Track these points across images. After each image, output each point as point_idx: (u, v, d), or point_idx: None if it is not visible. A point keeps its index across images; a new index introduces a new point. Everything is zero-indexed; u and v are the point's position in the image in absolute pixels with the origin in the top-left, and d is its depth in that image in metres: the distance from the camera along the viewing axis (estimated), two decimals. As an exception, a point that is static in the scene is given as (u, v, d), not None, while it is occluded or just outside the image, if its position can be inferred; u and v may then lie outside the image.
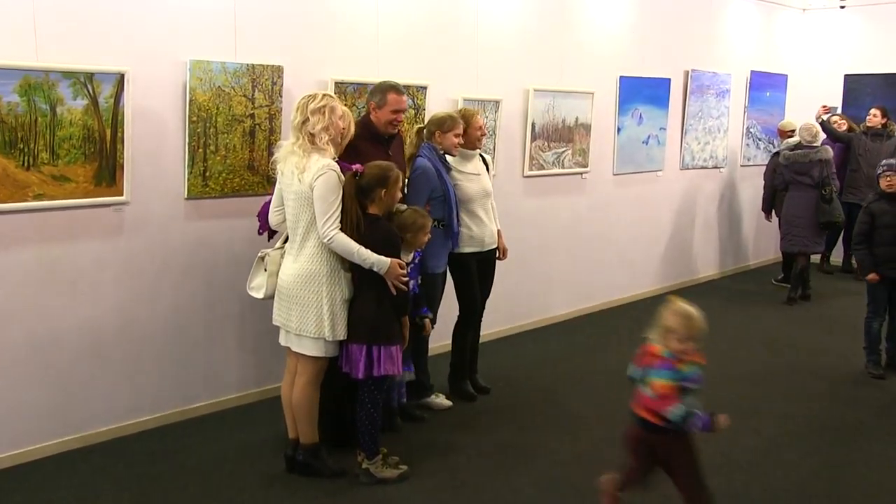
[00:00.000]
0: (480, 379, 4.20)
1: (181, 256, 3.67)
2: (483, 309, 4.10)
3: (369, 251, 3.00)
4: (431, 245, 3.49)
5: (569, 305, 5.71)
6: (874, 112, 6.86)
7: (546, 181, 5.36)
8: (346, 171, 3.07)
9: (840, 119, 7.06)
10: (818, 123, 6.60)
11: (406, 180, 3.54)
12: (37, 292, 3.28)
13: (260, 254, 3.29)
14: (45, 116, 3.14)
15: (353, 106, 3.98)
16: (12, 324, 3.23)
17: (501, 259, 4.12)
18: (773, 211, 6.79)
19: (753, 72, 7.20)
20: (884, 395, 4.36)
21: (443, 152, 3.74)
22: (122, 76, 3.30)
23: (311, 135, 3.02)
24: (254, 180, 3.81)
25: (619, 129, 5.87)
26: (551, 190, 5.42)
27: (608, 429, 3.76)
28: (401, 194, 3.23)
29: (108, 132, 3.32)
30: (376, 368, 3.06)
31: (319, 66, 3.97)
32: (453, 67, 4.61)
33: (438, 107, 4.29)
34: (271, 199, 3.26)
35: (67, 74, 3.17)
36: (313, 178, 2.96)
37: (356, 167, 3.06)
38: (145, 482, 3.16)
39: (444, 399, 3.99)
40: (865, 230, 4.59)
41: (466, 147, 3.85)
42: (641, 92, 5.95)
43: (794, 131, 6.53)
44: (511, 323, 5.25)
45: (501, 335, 5.16)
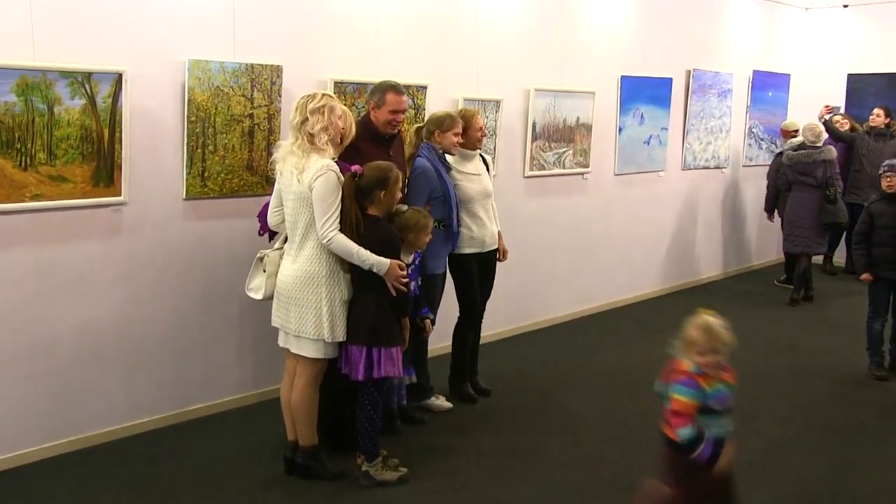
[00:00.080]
0: (481, 380, 4.19)
1: (180, 257, 3.66)
2: (483, 310, 4.09)
3: (369, 252, 2.99)
4: (431, 246, 3.47)
5: (570, 306, 5.69)
6: (877, 112, 6.84)
7: (547, 181, 5.34)
8: (346, 172, 3.05)
9: (842, 119, 7.03)
10: (821, 123, 6.56)
11: (406, 180, 3.52)
12: (34, 293, 3.27)
13: (259, 254, 3.28)
14: (43, 116, 3.13)
15: (353, 106, 3.96)
16: (9, 325, 3.22)
17: (501, 260, 4.10)
18: (776, 211, 6.77)
19: (756, 71, 7.17)
20: (886, 397, 4.33)
21: (442, 152, 3.72)
22: (120, 76, 3.29)
23: (311, 135, 3.00)
24: (253, 181, 3.80)
25: (621, 129, 5.84)
26: (552, 190, 5.40)
27: (609, 430, 3.76)
28: (401, 194, 3.21)
29: (106, 132, 3.31)
30: (376, 370, 3.04)
31: (319, 66, 3.96)
32: (454, 67, 4.59)
33: (439, 107, 4.27)
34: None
35: (65, 74, 3.16)
36: (312, 179, 2.95)
37: (355, 168, 3.04)
38: (144, 484, 3.15)
39: (445, 401, 3.98)
40: (864, 230, 4.58)
41: (467, 147, 3.83)
42: (643, 92, 5.93)
43: (798, 131, 6.49)
44: (512, 324, 5.24)
45: (502, 336, 5.14)
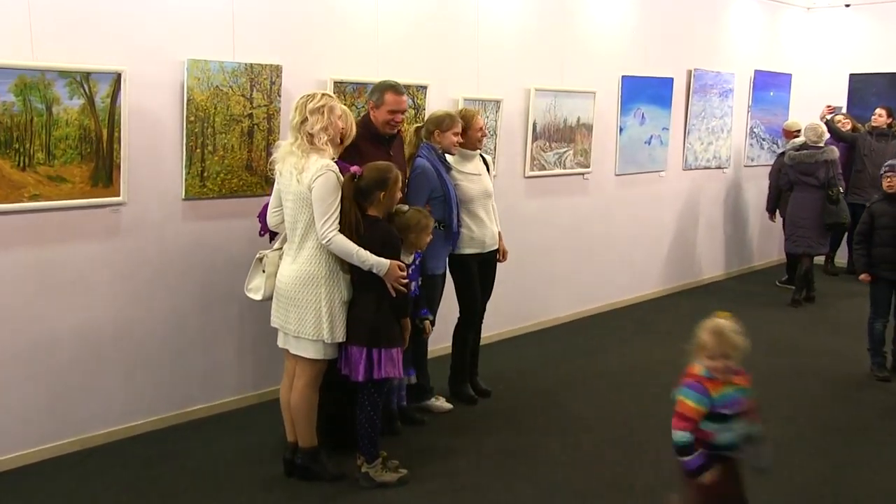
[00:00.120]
0: (481, 381, 4.18)
1: (178, 258, 3.65)
2: (484, 311, 4.07)
3: (368, 253, 2.98)
4: (431, 246, 3.46)
5: (570, 307, 5.67)
6: (879, 112, 6.81)
7: (547, 182, 5.32)
8: (345, 172, 3.04)
9: (844, 118, 7.01)
10: (823, 123, 6.54)
11: (406, 180, 3.51)
12: (32, 294, 3.26)
13: (258, 255, 3.28)
14: (41, 116, 3.12)
15: (353, 106, 3.95)
16: (8, 325, 3.21)
17: (501, 261, 4.09)
18: (777, 211, 6.75)
19: (757, 71, 7.15)
20: (889, 398, 4.32)
21: (442, 152, 3.71)
22: (119, 75, 3.28)
23: (310, 135, 2.99)
24: (252, 181, 3.79)
25: (622, 129, 5.83)
26: (553, 190, 5.39)
27: (610, 431, 3.75)
28: (401, 194, 3.20)
29: (105, 132, 3.30)
30: (376, 371, 3.03)
31: (318, 66, 3.95)
32: (454, 67, 4.58)
33: (439, 107, 4.25)
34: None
35: (64, 74, 3.15)
36: (312, 179, 2.94)
37: (354, 169, 3.02)
38: (143, 485, 3.14)
39: (445, 402, 3.96)
40: (865, 230, 4.57)
41: (467, 148, 3.82)
42: (644, 91, 5.91)
43: (800, 131, 6.47)
44: (512, 325, 5.22)
45: (502, 337, 5.13)
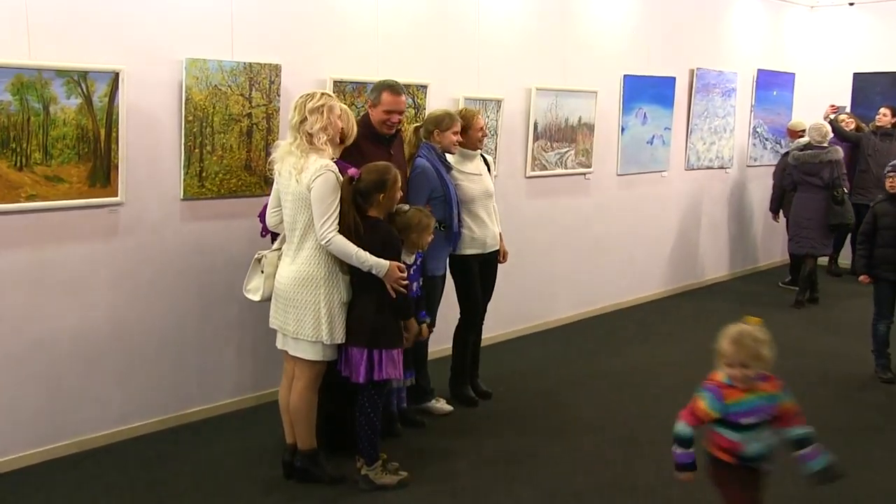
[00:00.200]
0: (482, 383, 4.16)
1: (177, 258, 3.63)
2: (485, 312, 4.06)
3: (368, 254, 2.96)
4: (431, 247, 3.44)
5: (572, 308, 5.65)
6: (884, 111, 6.77)
7: (548, 182, 5.30)
8: (345, 172, 3.02)
9: (848, 118, 6.97)
10: (827, 123, 6.50)
11: (406, 180, 3.49)
12: (29, 295, 3.24)
13: (257, 255, 3.26)
14: (38, 116, 3.11)
15: (353, 105, 3.93)
16: (4, 326, 3.19)
17: (502, 262, 4.07)
18: (781, 212, 6.71)
19: (760, 70, 7.12)
20: (893, 399, 4.29)
21: (442, 151, 3.68)
22: (117, 75, 3.27)
23: (310, 134, 2.98)
24: (251, 181, 3.77)
25: (623, 129, 5.80)
26: (554, 191, 5.36)
27: (611, 433, 3.73)
28: (401, 193, 3.18)
29: (103, 132, 3.28)
30: (377, 372, 3.02)
31: (318, 65, 3.93)
32: (454, 66, 4.56)
33: (439, 106, 4.22)
34: (270, 200, 3.22)
35: (61, 73, 3.13)
36: (311, 179, 2.92)
37: (351, 172, 3.00)
38: (139, 489, 3.12)
39: (445, 404, 3.95)
40: (868, 230, 4.54)
41: (467, 147, 3.81)
42: (646, 91, 5.89)
43: (805, 131, 6.44)
44: (513, 326, 5.20)
45: (503, 339, 5.11)
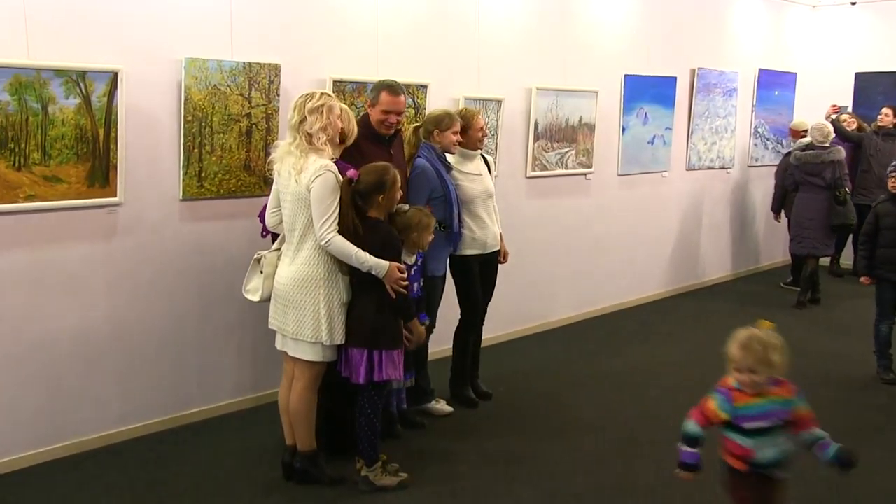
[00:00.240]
0: (482, 384, 4.15)
1: (176, 259, 3.62)
2: (485, 312, 4.05)
3: (367, 254, 2.95)
4: (432, 247, 3.43)
5: (572, 309, 5.63)
6: (886, 111, 6.74)
7: (549, 182, 5.29)
8: (344, 172, 3.01)
9: (850, 118, 6.95)
10: (829, 123, 6.48)
11: (406, 180, 3.48)
12: (27, 295, 3.23)
13: (256, 256, 3.25)
14: (37, 116, 3.10)
15: (353, 105, 3.92)
16: (2, 327, 3.18)
17: (502, 263, 4.06)
18: (783, 212, 6.69)
19: (761, 70, 7.09)
20: (895, 401, 4.26)
21: (442, 151, 3.67)
22: (116, 74, 3.26)
23: (309, 134, 2.97)
24: (250, 181, 3.76)
25: (624, 129, 5.79)
26: (554, 191, 5.35)
27: (612, 434, 3.72)
28: (401, 193, 3.17)
29: (101, 132, 3.27)
30: (377, 373, 3.01)
31: (317, 65, 3.92)
32: (454, 66, 4.55)
33: (440, 106, 4.21)
34: (269, 201, 3.21)
35: (59, 73, 3.12)
36: (310, 180, 2.91)
37: (350, 173, 2.99)
38: (139, 489, 3.12)
39: (445, 405, 3.94)
40: (870, 230, 4.52)
41: (467, 148, 3.80)
42: (647, 91, 5.87)
43: (808, 131, 6.42)
44: (513, 327, 5.18)
45: (503, 339, 5.09)
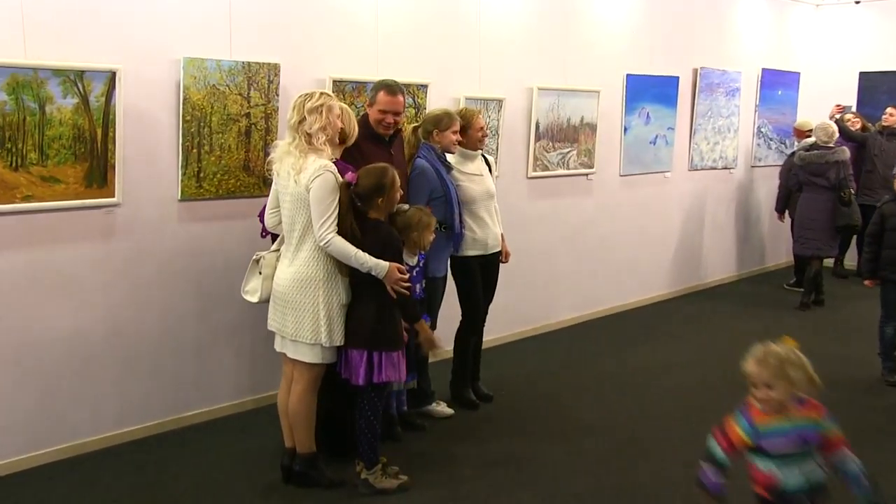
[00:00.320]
0: (483, 386, 4.13)
1: (174, 260, 3.61)
2: (486, 314, 4.03)
3: (367, 255, 2.93)
4: (432, 248, 3.42)
5: (574, 311, 5.61)
6: (890, 111, 6.70)
7: (550, 182, 5.27)
8: (344, 172, 3.00)
9: (854, 118, 6.91)
10: (833, 123, 6.45)
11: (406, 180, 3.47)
12: (24, 297, 3.21)
13: (255, 256, 3.24)
14: (34, 115, 3.09)
15: (353, 105, 3.90)
16: (-1, 328, 3.17)
17: (504, 262, 4.04)
18: (787, 212, 6.66)
19: (765, 69, 7.06)
20: (900, 403, 4.25)
21: (442, 151, 3.66)
22: (114, 74, 3.24)
23: (308, 135, 2.95)
24: (249, 181, 3.75)
25: (626, 129, 5.76)
26: (556, 191, 5.32)
27: (613, 437, 3.70)
28: (402, 192, 3.16)
29: (99, 132, 3.26)
30: (377, 374, 2.99)
31: (317, 64, 3.91)
32: (455, 65, 4.53)
33: (440, 106, 4.19)
34: (268, 201, 3.20)
35: (57, 72, 3.11)
36: (309, 180, 2.90)
37: (349, 177, 2.97)
38: (136, 493, 3.10)
39: (446, 407, 3.92)
40: (876, 231, 4.48)
41: (466, 148, 3.78)
42: (649, 90, 5.84)
43: (812, 131, 6.38)
44: (514, 328, 5.16)
45: (504, 341, 5.07)
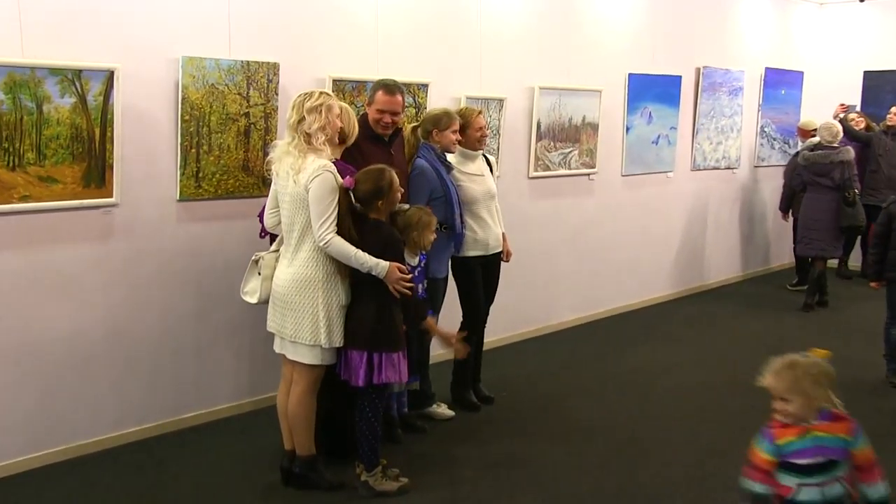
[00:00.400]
0: (484, 388, 4.12)
1: (173, 260, 3.59)
2: (487, 315, 4.01)
3: (367, 255, 2.92)
4: (433, 249, 3.40)
5: (575, 311, 5.59)
6: (895, 110, 6.67)
7: (552, 182, 5.25)
8: (344, 172, 2.98)
9: (858, 117, 6.87)
10: (838, 122, 6.41)
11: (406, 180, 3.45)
12: (22, 298, 3.20)
13: (254, 257, 3.23)
14: (32, 115, 3.07)
15: (352, 104, 3.88)
16: (-4, 329, 3.16)
17: (505, 261, 4.02)
18: (791, 212, 6.63)
19: (768, 68, 7.03)
20: (905, 406, 4.22)
21: (442, 151, 3.64)
22: (112, 73, 3.23)
23: (308, 134, 2.94)
24: (248, 181, 3.73)
25: (628, 129, 5.74)
26: (557, 192, 5.30)
27: (615, 440, 3.69)
28: (402, 190, 3.14)
29: (97, 131, 3.24)
30: (377, 376, 2.98)
31: (317, 63, 3.89)
32: (456, 64, 4.51)
33: (441, 105, 4.17)
34: (268, 201, 3.19)
35: (54, 71, 3.09)
36: (309, 180, 2.88)
37: (347, 182, 2.95)
38: (135, 495, 3.09)
39: (446, 409, 3.91)
40: (882, 232, 4.44)
41: (465, 147, 3.76)
42: (651, 90, 5.82)
43: (816, 130, 6.35)
44: (515, 329, 5.14)
45: (505, 342, 5.05)
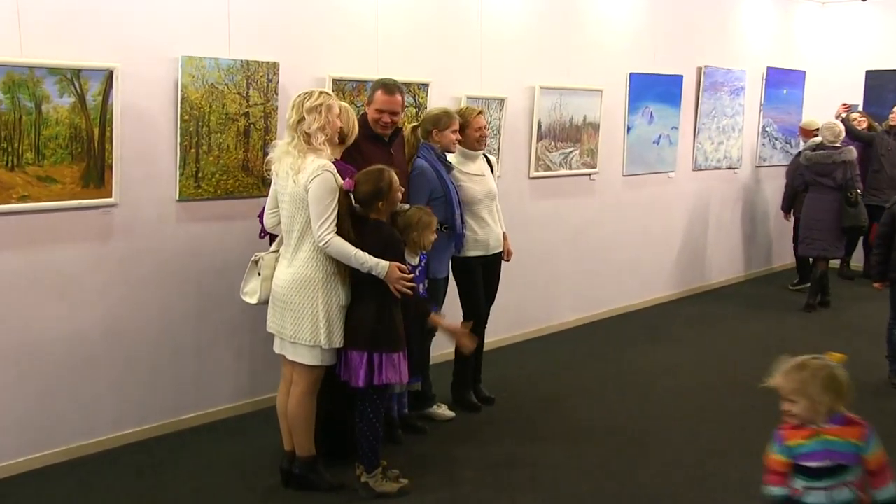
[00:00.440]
0: (484, 388, 4.11)
1: (172, 260, 3.59)
2: (488, 315, 4.00)
3: (367, 255, 2.91)
4: (434, 249, 3.40)
5: (576, 312, 5.58)
6: (897, 110, 6.67)
7: (553, 182, 5.24)
8: (343, 172, 2.98)
9: (860, 117, 6.86)
10: (840, 122, 6.39)
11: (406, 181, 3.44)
12: (21, 298, 3.19)
13: (254, 257, 3.22)
14: (30, 115, 3.07)
15: (352, 104, 3.87)
16: (-6, 330, 3.15)
17: (506, 261, 4.02)
18: (792, 212, 6.61)
19: (770, 68, 7.02)
20: (908, 407, 4.20)
21: (442, 151, 3.63)
22: (111, 73, 3.22)
23: (307, 134, 2.93)
24: (248, 181, 3.72)
25: (629, 129, 5.73)
26: (558, 192, 5.29)
27: (616, 441, 3.68)
28: (403, 190, 3.14)
29: (97, 131, 3.24)
30: (377, 376, 2.97)
31: (317, 63, 3.88)
32: (456, 64, 4.50)
33: (441, 105, 4.16)
34: (268, 201, 3.18)
35: (53, 71, 3.09)
36: (308, 180, 2.88)
37: (346, 184, 2.94)
38: (134, 496, 3.09)
39: (447, 409, 3.90)
40: (886, 232, 4.42)
41: (465, 147, 3.75)
42: (652, 89, 5.81)
43: (818, 130, 6.33)
44: (516, 330, 5.13)
45: (506, 343, 5.04)
